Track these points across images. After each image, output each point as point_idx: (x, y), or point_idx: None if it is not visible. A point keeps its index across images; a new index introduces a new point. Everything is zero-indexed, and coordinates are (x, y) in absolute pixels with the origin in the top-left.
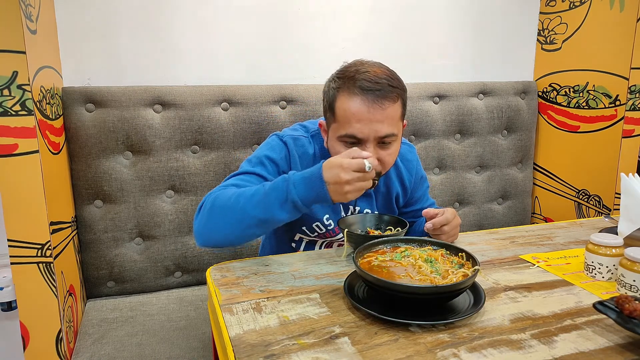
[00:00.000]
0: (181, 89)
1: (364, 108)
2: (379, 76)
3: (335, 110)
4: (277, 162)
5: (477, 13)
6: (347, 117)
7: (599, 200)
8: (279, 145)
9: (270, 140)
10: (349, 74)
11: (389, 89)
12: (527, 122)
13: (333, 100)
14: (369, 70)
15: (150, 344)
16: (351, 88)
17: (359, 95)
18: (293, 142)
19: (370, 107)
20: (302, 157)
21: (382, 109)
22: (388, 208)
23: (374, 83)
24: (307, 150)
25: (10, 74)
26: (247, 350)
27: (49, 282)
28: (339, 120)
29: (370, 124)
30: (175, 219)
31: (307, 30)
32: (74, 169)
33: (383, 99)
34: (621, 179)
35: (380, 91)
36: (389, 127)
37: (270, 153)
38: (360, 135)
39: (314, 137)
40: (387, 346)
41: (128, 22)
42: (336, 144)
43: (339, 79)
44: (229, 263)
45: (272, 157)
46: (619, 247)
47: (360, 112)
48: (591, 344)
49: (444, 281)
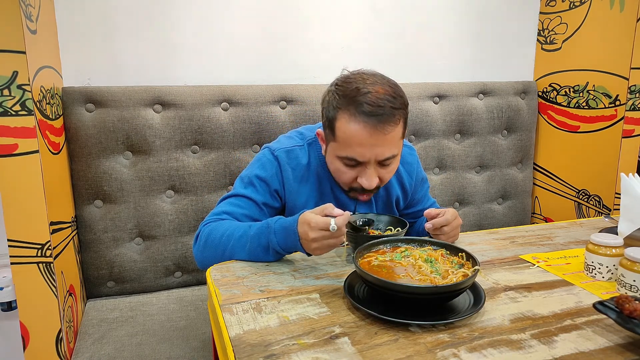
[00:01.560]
0: (181, 89)
1: (366, 134)
2: (381, 98)
3: (335, 130)
4: (268, 180)
5: (477, 13)
6: (347, 140)
7: (599, 200)
8: (269, 161)
9: (261, 155)
10: (350, 92)
11: (391, 112)
12: (527, 122)
13: (333, 119)
14: (371, 91)
15: (150, 344)
16: (352, 111)
17: (361, 121)
18: (286, 155)
19: (372, 133)
20: (295, 169)
21: (384, 133)
22: (388, 212)
23: (377, 107)
24: (300, 161)
25: (10, 74)
26: (247, 350)
27: (49, 282)
28: (339, 141)
29: (372, 149)
30: (175, 219)
31: (307, 30)
32: (74, 169)
33: (385, 123)
34: (621, 179)
35: (383, 115)
36: (390, 150)
37: (260, 172)
38: (361, 158)
39: (310, 145)
40: (387, 346)
41: (128, 22)
42: (335, 161)
43: (340, 97)
44: (229, 263)
45: (262, 177)
46: (619, 247)
47: (362, 138)
48: (591, 344)
49: (444, 281)
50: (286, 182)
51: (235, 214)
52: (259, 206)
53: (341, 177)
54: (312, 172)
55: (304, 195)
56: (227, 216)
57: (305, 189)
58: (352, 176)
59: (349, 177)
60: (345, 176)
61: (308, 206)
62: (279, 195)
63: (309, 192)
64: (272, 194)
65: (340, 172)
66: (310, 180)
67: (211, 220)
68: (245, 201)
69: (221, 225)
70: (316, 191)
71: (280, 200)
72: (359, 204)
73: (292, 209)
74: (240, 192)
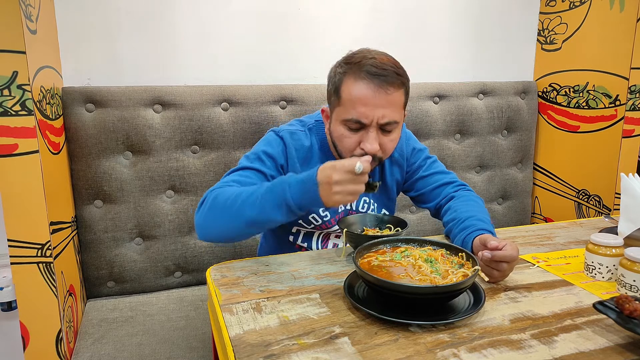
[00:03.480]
0: (181, 89)
1: (370, 92)
2: (385, 63)
3: (340, 93)
4: (275, 156)
5: (477, 13)
6: (352, 100)
7: (599, 200)
8: (275, 140)
9: (267, 136)
10: (355, 59)
11: (394, 76)
12: (527, 122)
13: (339, 84)
14: (376, 57)
15: (150, 344)
16: (357, 72)
17: (365, 80)
18: (290, 136)
19: (375, 92)
20: (298, 150)
21: (387, 94)
22: (386, 194)
23: (380, 69)
24: (303, 143)
25: (10, 74)
26: (247, 350)
27: (49, 282)
28: (344, 103)
29: (374, 109)
30: (175, 219)
31: (307, 31)
32: (74, 169)
33: (388, 84)
34: (621, 179)
35: (386, 77)
36: (392, 114)
37: (267, 148)
38: (365, 120)
39: (311, 130)
40: (387, 346)
41: (128, 22)
42: (339, 127)
43: (346, 64)
44: (229, 263)
45: (269, 152)
46: (619, 247)
47: (366, 97)
48: (591, 344)
49: (444, 281)
50: (290, 161)
51: (245, 184)
52: (268, 179)
53: (344, 142)
54: (314, 155)
55: None
56: (235, 184)
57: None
58: (355, 141)
59: (352, 142)
60: (348, 141)
61: None
62: (285, 171)
63: None
64: (278, 169)
65: (344, 137)
66: (312, 162)
67: (217, 187)
68: (255, 173)
69: (229, 189)
70: None
71: None
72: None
73: None
74: (248, 165)
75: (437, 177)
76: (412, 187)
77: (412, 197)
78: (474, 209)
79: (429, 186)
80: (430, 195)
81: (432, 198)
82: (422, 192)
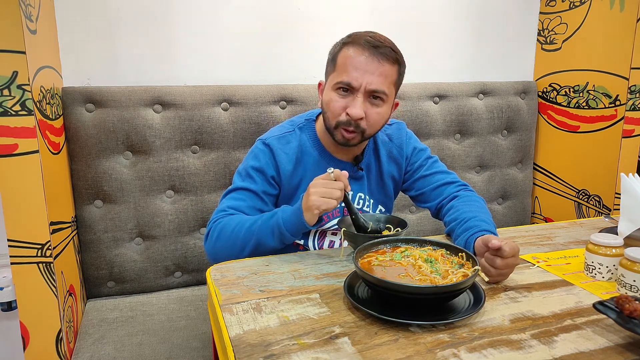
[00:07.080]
0: (181, 89)
1: (363, 58)
2: (383, 40)
3: (336, 60)
4: (263, 169)
5: (477, 13)
6: (345, 64)
7: (599, 200)
8: (262, 151)
9: (254, 147)
10: (355, 34)
11: (390, 51)
12: (527, 122)
13: (337, 54)
14: (376, 34)
15: (150, 344)
16: (354, 42)
17: (361, 47)
18: (277, 141)
19: (368, 59)
20: (288, 153)
21: (379, 63)
22: (383, 190)
23: (377, 41)
24: (292, 144)
25: (10, 74)
26: (247, 350)
27: (49, 282)
28: (337, 68)
29: (364, 74)
30: (175, 219)
31: (307, 30)
32: (74, 169)
33: (382, 55)
34: (621, 179)
35: (382, 49)
36: (382, 84)
37: (254, 163)
38: (355, 83)
39: (301, 128)
40: (387, 346)
41: (128, 22)
42: (330, 92)
43: (347, 38)
44: (229, 263)
45: (256, 167)
46: (619, 247)
47: (358, 61)
48: (591, 344)
49: (444, 281)
50: (281, 167)
51: (240, 207)
52: (259, 196)
53: (331, 106)
54: (305, 152)
55: (299, 175)
56: (232, 210)
57: (299, 169)
58: (341, 105)
59: (339, 106)
60: (335, 105)
61: (303, 183)
62: (276, 181)
63: (303, 172)
64: (269, 181)
65: (332, 102)
66: (304, 159)
67: (219, 217)
68: (246, 193)
69: (232, 219)
70: (310, 170)
71: (277, 186)
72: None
73: (288, 191)
74: (240, 185)
75: (438, 176)
76: (412, 186)
77: (412, 197)
78: (476, 210)
79: (430, 185)
80: (431, 194)
81: (433, 197)
82: (422, 191)
